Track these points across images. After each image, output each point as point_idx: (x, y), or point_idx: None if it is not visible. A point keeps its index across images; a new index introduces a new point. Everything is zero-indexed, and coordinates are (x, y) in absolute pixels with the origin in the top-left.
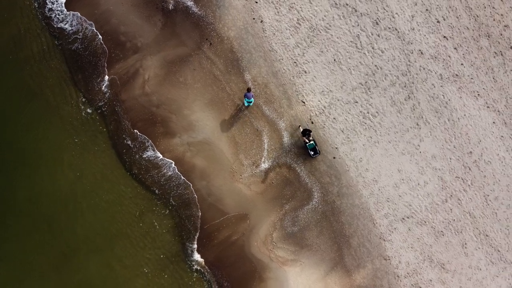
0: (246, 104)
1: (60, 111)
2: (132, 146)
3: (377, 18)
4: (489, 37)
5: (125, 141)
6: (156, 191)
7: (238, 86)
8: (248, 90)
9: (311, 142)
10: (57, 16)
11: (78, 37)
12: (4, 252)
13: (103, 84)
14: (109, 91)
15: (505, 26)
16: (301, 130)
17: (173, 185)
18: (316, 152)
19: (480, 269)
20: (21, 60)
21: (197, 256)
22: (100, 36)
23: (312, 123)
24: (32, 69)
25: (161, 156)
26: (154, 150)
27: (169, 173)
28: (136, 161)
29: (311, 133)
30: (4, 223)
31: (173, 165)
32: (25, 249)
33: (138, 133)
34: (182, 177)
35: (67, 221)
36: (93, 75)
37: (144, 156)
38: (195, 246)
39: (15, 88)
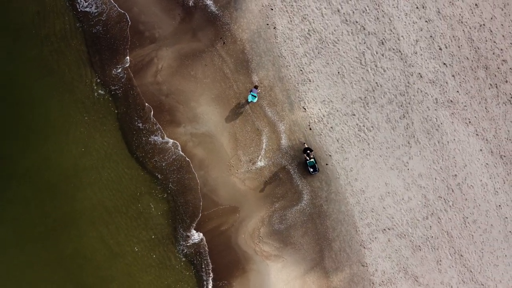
0: (250, 99)
1: (74, 89)
2: (142, 128)
3: (383, 39)
4: (486, 69)
5: (136, 123)
6: (159, 176)
7: (245, 86)
8: (256, 87)
9: (312, 160)
10: None
11: (102, 18)
12: (6, 214)
13: (119, 68)
14: (124, 75)
15: (503, 60)
16: (304, 147)
17: (174, 169)
18: (316, 170)
19: (451, 287)
20: (43, 36)
21: (187, 241)
22: (127, 15)
23: (310, 129)
24: (52, 45)
25: (169, 140)
26: (161, 135)
27: (173, 157)
28: (141, 144)
29: (313, 152)
30: (9, 186)
31: (179, 148)
32: (26, 213)
33: (152, 117)
34: (187, 158)
35: (67, 193)
36: (111, 59)
37: (150, 139)
38: (187, 231)
39: (34, 61)
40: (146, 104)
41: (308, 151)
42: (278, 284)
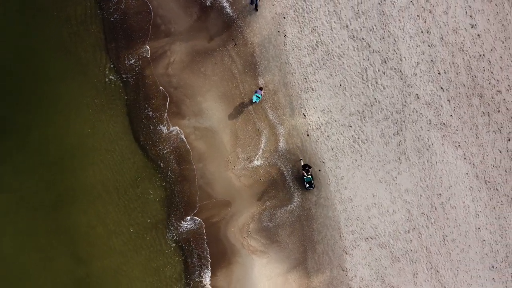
0: (254, 99)
1: (88, 71)
2: (152, 116)
3: (386, 57)
4: (481, 97)
5: (146, 111)
6: (161, 164)
7: (251, 88)
8: (260, 88)
9: (309, 176)
10: None
11: (121, 7)
12: (10, 183)
13: (135, 57)
14: (137, 64)
15: (498, 91)
16: (302, 163)
17: (175, 159)
18: (311, 186)
19: None
20: (64, 18)
21: (179, 229)
22: (151, 7)
23: (308, 135)
24: (72, 28)
25: (174, 131)
26: (168, 125)
27: (175, 147)
28: (147, 131)
29: (311, 169)
30: (16, 156)
31: (183, 139)
32: (30, 184)
33: (167, 107)
34: (188, 149)
35: (71, 169)
36: (127, 47)
37: (157, 128)
38: (180, 219)
39: (53, 41)
40: (166, 94)
41: (307, 168)
42: (261, 278)
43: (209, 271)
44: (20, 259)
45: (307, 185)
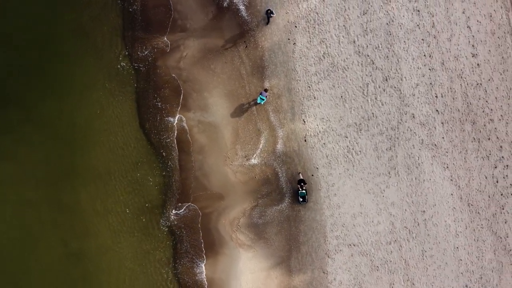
0: (258, 101)
1: (102, 56)
2: (160, 106)
3: (388, 76)
4: (473, 123)
5: (154, 101)
6: (163, 153)
7: (256, 89)
8: (265, 90)
9: (304, 191)
10: None
11: None
12: (15, 154)
13: (148, 48)
14: (150, 55)
15: (490, 119)
16: (299, 178)
17: (176, 149)
18: (305, 201)
19: None
20: (86, 2)
21: (172, 216)
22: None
23: (305, 141)
24: (92, 13)
25: (179, 122)
26: (174, 116)
27: (177, 135)
28: (153, 120)
29: (306, 185)
30: (24, 128)
31: (187, 131)
32: (34, 156)
33: (181, 100)
34: (189, 137)
35: (76, 147)
36: (142, 37)
37: (163, 118)
38: (174, 207)
39: (73, 23)
40: (181, 88)
41: (302, 183)
42: (245, 271)
43: (197, 258)
44: (19, 227)
45: (301, 199)
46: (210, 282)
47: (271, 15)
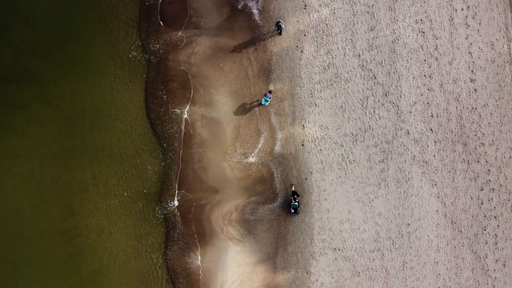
0: (263, 102)
1: (117, 44)
2: (166, 98)
3: (388, 91)
4: (465, 145)
5: (161, 92)
6: (164, 144)
7: (261, 91)
8: (270, 92)
9: (296, 203)
10: None
11: None
12: (22, 129)
13: (162, 40)
14: (163, 47)
15: (481, 143)
16: (293, 189)
17: (177, 141)
18: (296, 213)
19: None
20: None
21: (168, 204)
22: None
23: (303, 145)
24: (111, 2)
25: (184, 115)
26: (180, 109)
27: (180, 127)
28: (159, 111)
29: (298, 197)
30: (33, 105)
31: (189, 124)
32: (42, 133)
33: (191, 96)
34: (188, 128)
35: (82, 128)
36: (157, 30)
37: (168, 110)
38: (171, 196)
39: (91, 9)
40: (191, 83)
41: (295, 196)
42: (232, 264)
43: (186, 246)
44: (20, 199)
45: (292, 211)
46: (197, 271)
47: (282, 26)
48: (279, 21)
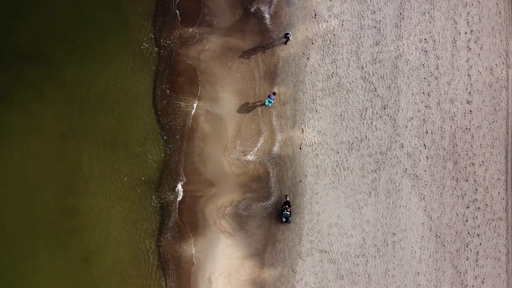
0: (266, 103)
1: (131, 34)
2: (174, 92)
3: (387, 105)
4: (455, 163)
5: (168, 84)
6: (164, 136)
7: (265, 93)
8: (274, 93)
9: (288, 212)
10: None
11: None
12: (33, 107)
13: (175, 35)
14: (175, 41)
15: (471, 163)
16: (286, 200)
17: (180, 133)
18: (287, 222)
19: None
20: None
21: (165, 193)
22: None
23: (300, 149)
24: None
25: (189, 109)
26: (186, 104)
27: (184, 120)
28: (165, 102)
29: (290, 207)
30: (47, 85)
31: (195, 105)
32: (51, 113)
33: (199, 91)
34: (191, 122)
35: (90, 112)
36: (171, 25)
37: (174, 103)
38: (169, 185)
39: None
40: (199, 79)
41: (287, 206)
42: (221, 256)
43: (179, 234)
44: (22, 174)
45: (284, 219)
46: (188, 260)
47: (289, 38)
48: (288, 33)
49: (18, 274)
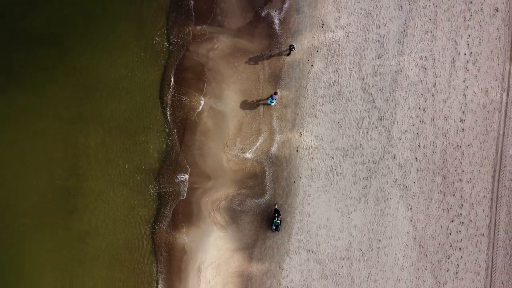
0: (268, 102)
1: (144, 27)
2: (181, 86)
3: (383, 116)
4: (444, 178)
5: (175, 79)
6: (168, 128)
7: (268, 94)
8: (275, 93)
9: (278, 221)
10: None
11: None
12: (44, 89)
13: (186, 31)
14: (186, 38)
15: (459, 179)
16: (275, 208)
17: (183, 124)
18: (277, 230)
19: None
20: None
21: (165, 182)
22: None
23: (297, 151)
24: None
25: (195, 105)
26: (191, 98)
27: (188, 114)
28: (172, 96)
29: (280, 216)
30: (58, 68)
31: (202, 102)
32: (61, 96)
33: (205, 88)
34: (195, 116)
35: (98, 98)
36: (184, 21)
37: (180, 97)
38: (168, 176)
39: None
40: (206, 76)
41: (277, 215)
42: (212, 247)
43: (174, 224)
44: (26, 153)
45: (274, 227)
46: (180, 248)
47: (293, 49)
48: (292, 45)
49: (17, 251)
